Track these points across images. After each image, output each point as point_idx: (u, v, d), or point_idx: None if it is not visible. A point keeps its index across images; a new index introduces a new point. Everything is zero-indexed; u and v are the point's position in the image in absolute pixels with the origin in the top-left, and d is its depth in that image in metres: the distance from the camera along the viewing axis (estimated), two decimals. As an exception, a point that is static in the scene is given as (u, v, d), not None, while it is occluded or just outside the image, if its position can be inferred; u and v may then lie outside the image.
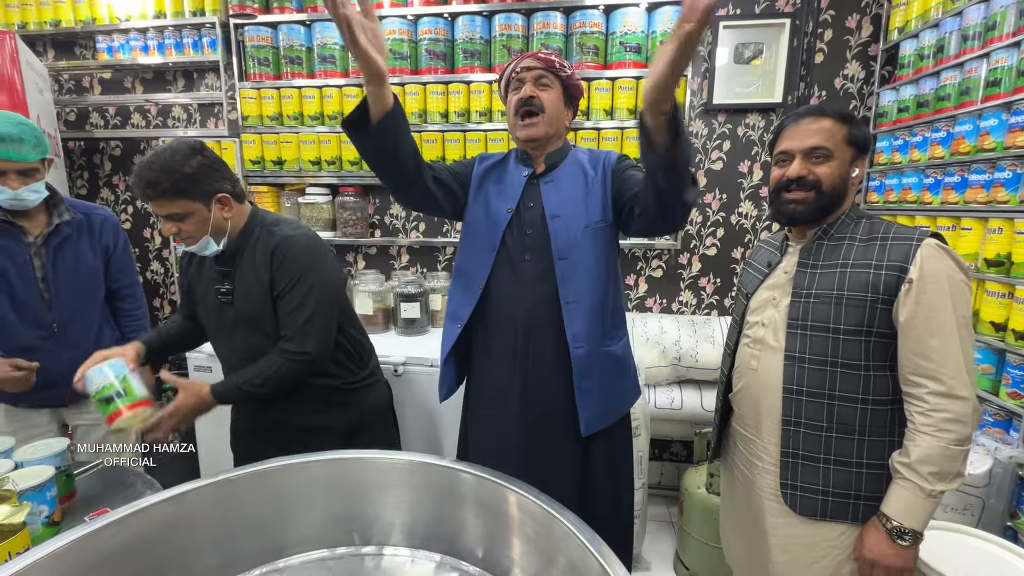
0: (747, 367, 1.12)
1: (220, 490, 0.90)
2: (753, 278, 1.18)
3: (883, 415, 0.98)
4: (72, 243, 1.57)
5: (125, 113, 2.87)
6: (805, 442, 1.02)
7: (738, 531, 1.21)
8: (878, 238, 0.99)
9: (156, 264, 3.00)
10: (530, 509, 0.82)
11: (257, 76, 2.50)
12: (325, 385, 1.35)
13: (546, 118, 1.19)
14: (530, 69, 1.20)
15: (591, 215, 1.21)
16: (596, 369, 1.21)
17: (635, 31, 2.22)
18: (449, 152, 2.41)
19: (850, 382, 0.98)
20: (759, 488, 1.10)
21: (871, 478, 0.99)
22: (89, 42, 2.77)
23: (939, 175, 1.77)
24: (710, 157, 2.41)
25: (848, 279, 0.98)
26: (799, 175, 1.02)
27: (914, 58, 1.92)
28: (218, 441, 2.12)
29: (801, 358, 1.02)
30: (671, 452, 2.62)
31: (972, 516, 1.42)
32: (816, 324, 1.00)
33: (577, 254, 1.19)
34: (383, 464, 0.98)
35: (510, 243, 1.24)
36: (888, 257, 0.95)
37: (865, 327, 0.96)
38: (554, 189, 1.24)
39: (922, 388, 0.92)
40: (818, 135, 1.01)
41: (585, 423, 1.21)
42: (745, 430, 1.14)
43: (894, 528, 0.93)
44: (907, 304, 0.92)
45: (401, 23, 2.35)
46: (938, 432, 0.90)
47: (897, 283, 0.93)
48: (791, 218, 1.05)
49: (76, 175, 2.97)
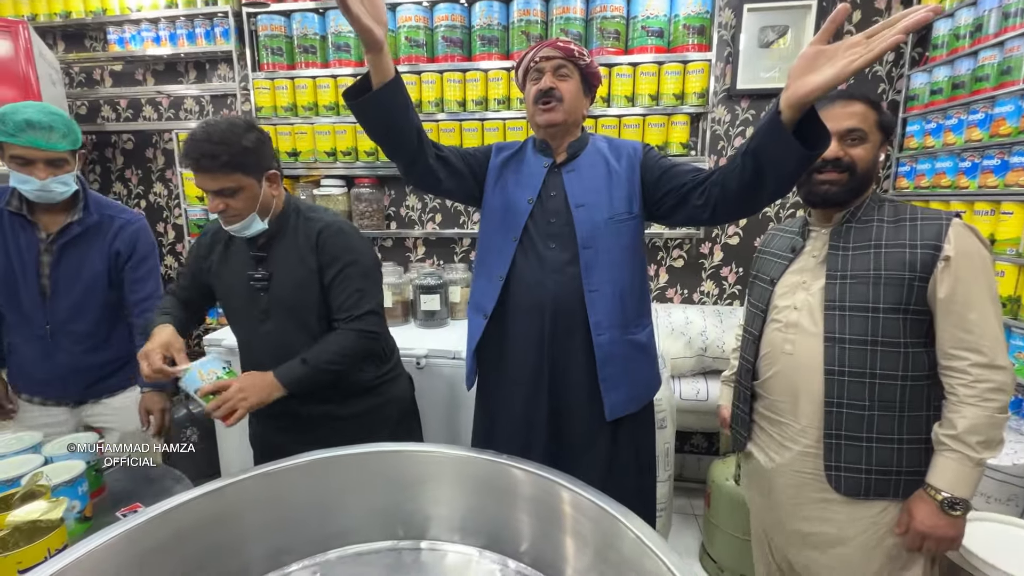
0: (780, 352, 1.12)
1: (260, 484, 0.88)
2: (775, 264, 1.18)
3: (921, 390, 1.01)
4: (80, 244, 1.50)
5: (137, 106, 2.84)
6: (848, 422, 1.03)
7: (771, 519, 1.20)
8: (907, 219, 1.02)
9: (170, 259, 2.98)
10: (581, 505, 0.79)
11: (271, 66, 2.47)
12: (356, 379, 1.33)
13: (565, 106, 1.19)
14: (549, 59, 1.18)
15: (615, 207, 1.20)
16: (619, 356, 1.21)
17: (657, 15, 2.17)
18: (467, 140, 2.37)
19: (890, 360, 1.00)
20: (794, 471, 1.10)
21: (911, 453, 1.01)
22: (100, 34, 2.74)
23: (976, 158, 1.72)
24: (733, 144, 2.36)
25: (884, 259, 1.00)
26: (836, 156, 1.03)
27: (949, 38, 1.86)
28: (234, 437, 2.12)
29: (841, 339, 1.03)
30: (692, 444, 2.60)
31: (1017, 507, 1.39)
32: (855, 304, 1.01)
33: (601, 243, 1.19)
34: (423, 457, 0.96)
35: (533, 232, 1.23)
36: (921, 236, 0.98)
37: (903, 305, 0.98)
38: (576, 178, 1.23)
39: (964, 360, 0.95)
40: (854, 118, 1.03)
41: (610, 408, 1.21)
42: (777, 415, 1.14)
43: (945, 500, 0.95)
44: (945, 280, 0.95)
45: (417, 10, 2.31)
46: (983, 402, 0.93)
47: (933, 260, 0.96)
48: (824, 199, 1.06)
49: (88, 169, 2.95)
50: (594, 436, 1.25)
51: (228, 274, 1.31)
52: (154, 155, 2.88)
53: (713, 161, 2.36)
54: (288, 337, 1.26)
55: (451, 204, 2.62)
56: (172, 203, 2.91)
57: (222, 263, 1.32)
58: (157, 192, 2.92)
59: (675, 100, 2.22)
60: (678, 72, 2.19)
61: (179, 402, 2.46)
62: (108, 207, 1.56)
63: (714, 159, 2.37)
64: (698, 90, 2.19)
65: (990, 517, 1.21)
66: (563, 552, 0.84)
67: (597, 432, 1.25)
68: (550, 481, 0.85)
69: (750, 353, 1.21)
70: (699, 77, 2.18)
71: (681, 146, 2.24)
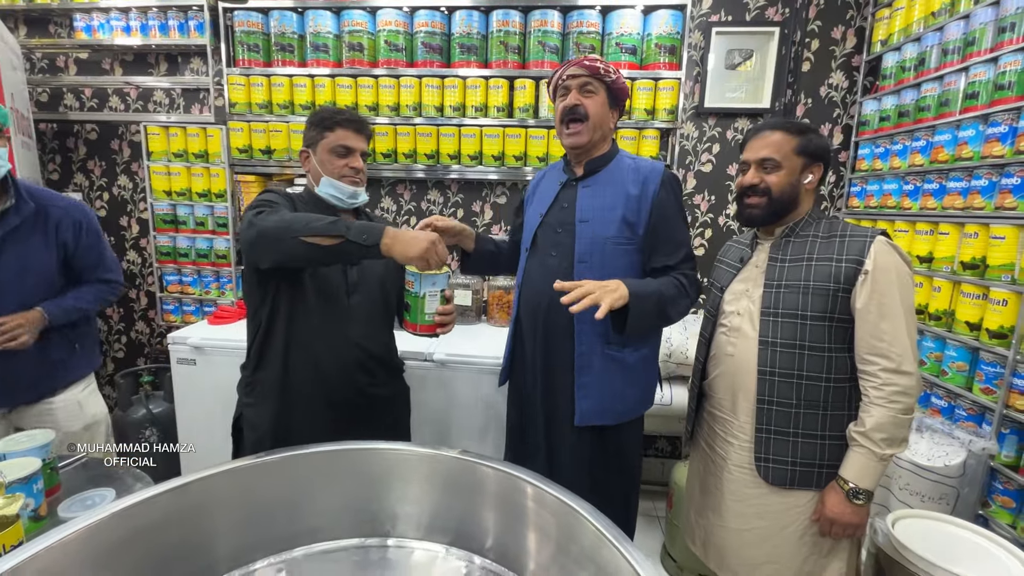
0: (724, 353, 1.23)
1: (227, 480, 0.88)
2: (726, 273, 1.30)
3: (842, 391, 1.12)
4: (20, 236, 1.41)
5: (103, 96, 2.76)
6: (776, 419, 1.14)
7: (708, 508, 1.30)
8: (837, 235, 1.12)
9: (133, 253, 2.90)
10: (543, 499, 0.83)
11: (246, 62, 2.44)
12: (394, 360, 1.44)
13: (590, 125, 1.25)
14: (575, 76, 1.25)
15: (619, 231, 1.25)
16: (596, 368, 1.27)
17: (631, 32, 2.25)
18: (444, 146, 2.39)
19: (815, 363, 1.11)
20: (734, 464, 1.21)
21: (832, 448, 1.12)
22: (65, 20, 2.66)
23: (918, 182, 1.86)
24: (700, 159, 2.47)
25: (813, 271, 1.11)
26: (751, 183, 1.16)
27: (896, 70, 2.00)
28: (201, 438, 2.07)
29: (773, 343, 1.14)
30: (656, 448, 2.68)
31: (947, 505, 1.49)
32: (786, 311, 1.13)
33: (597, 259, 1.26)
34: (390, 455, 0.97)
35: (541, 241, 1.34)
36: (847, 252, 1.09)
37: (828, 313, 1.09)
38: (589, 194, 1.29)
39: (875, 365, 1.05)
40: (768, 147, 1.14)
41: (579, 415, 1.28)
42: (721, 412, 1.25)
43: (851, 490, 1.06)
44: (863, 292, 1.06)
45: (397, 14, 2.33)
46: (888, 403, 1.03)
47: (855, 274, 1.07)
48: (748, 219, 1.19)
49: (48, 159, 2.84)
50: (574, 439, 1.31)
51: None
52: (120, 147, 2.80)
53: (681, 175, 2.46)
54: (375, 309, 1.33)
55: (426, 208, 2.64)
56: (137, 196, 2.83)
57: None
58: (121, 185, 2.84)
59: (646, 115, 2.30)
60: (650, 88, 2.28)
61: (137, 401, 2.39)
62: (42, 195, 1.49)
63: (682, 172, 2.47)
64: (668, 106, 2.28)
65: (923, 514, 1.30)
66: (526, 546, 0.87)
67: (578, 436, 1.30)
68: (513, 477, 0.88)
69: (701, 354, 1.32)
70: (669, 94, 2.27)
71: (651, 159, 2.33)
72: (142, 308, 2.94)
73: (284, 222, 1.09)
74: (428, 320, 1.19)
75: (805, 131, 1.15)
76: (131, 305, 2.94)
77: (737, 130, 2.43)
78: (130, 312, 2.95)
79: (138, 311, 2.95)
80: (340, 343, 1.28)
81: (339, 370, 1.30)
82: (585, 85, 1.24)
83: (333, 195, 1.29)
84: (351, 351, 1.30)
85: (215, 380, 2.02)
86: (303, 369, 1.28)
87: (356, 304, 1.31)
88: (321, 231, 1.06)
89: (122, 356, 3.00)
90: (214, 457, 1.44)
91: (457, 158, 2.41)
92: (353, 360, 1.31)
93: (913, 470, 1.52)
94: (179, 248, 2.63)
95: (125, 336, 2.99)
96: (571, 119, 1.25)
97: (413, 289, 1.17)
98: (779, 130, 1.15)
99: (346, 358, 1.30)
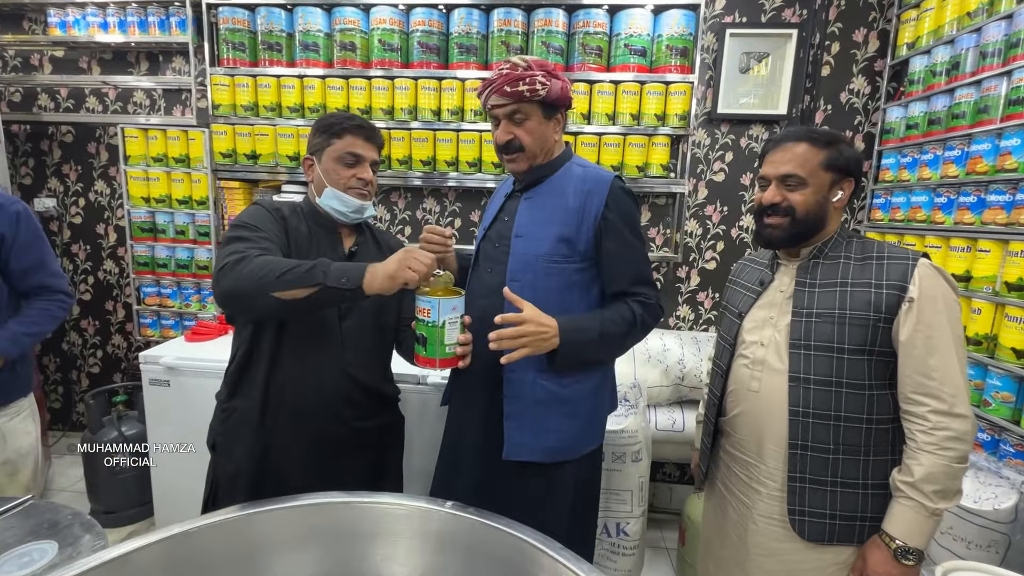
0: (746, 389, 1.09)
1: (174, 545, 0.73)
2: (744, 297, 1.16)
3: (885, 434, 0.99)
4: None
5: (79, 96, 2.61)
6: (812, 465, 1.00)
7: (731, 562, 1.15)
8: (873, 257, 0.99)
9: (110, 263, 2.73)
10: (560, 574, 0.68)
11: (231, 62, 2.29)
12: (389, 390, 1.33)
13: (528, 153, 1.13)
14: (500, 106, 1.11)
15: (553, 248, 1.12)
16: (527, 398, 1.14)
17: (640, 34, 2.12)
18: (440, 152, 2.25)
19: (854, 402, 0.98)
20: (761, 515, 1.07)
21: (876, 499, 0.99)
22: (39, 15, 2.51)
23: (952, 194, 1.73)
24: (712, 168, 2.34)
25: (849, 298, 0.98)
26: (772, 202, 1.03)
27: (925, 74, 1.88)
28: (171, 461, 1.90)
29: (806, 379, 1.00)
30: (664, 472, 2.52)
31: (997, 554, 1.35)
32: (820, 344, 0.99)
33: (527, 279, 1.13)
34: (377, 510, 0.83)
35: (482, 255, 1.23)
36: (887, 276, 0.96)
37: (868, 346, 0.96)
38: (529, 207, 1.17)
39: (923, 406, 0.93)
40: (791, 162, 1.01)
41: (508, 448, 1.14)
42: (744, 455, 1.11)
43: (899, 548, 0.93)
44: (907, 323, 0.93)
45: (392, 12, 2.20)
46: (940, 451, 0.91)
47: (897, 302, 0.94)
48: (768, 241, 1.06)
49: (20, 162, 2.69)
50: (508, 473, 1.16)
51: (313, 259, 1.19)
52: (97, 150, 2.64)
53: (692, 184, 2.33)
54: (366, 335, 1.22)
55: (422, 217, 2.49)
56: (115, 203, 2.67)
57: (307, 250, 1.18)
58: (98, 190, 2.68)
59: (656, 121, 2.17)
60: (660, 92, 2.15)
61: (108, 423, 2.21)
62: None
63: (693, 182, 2.33)
64: (679, 112, 2.15)
65: (977, 567, 1.15)
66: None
67: (513, 470, 1.15)
68: (523, 542, 0.74)
69: (717, 388, 1.17)
70: (681, 99, 2.14)
71: (661, 168, 2.19)
72: (119, 321, 2.77)
73: (255, 277, 0.97)
74: (449, 353, 1.03)
75: (834, 141, 1.01)
76: (107, 318, 2.77)
77: (751, 137, 2.30)
78: (106, 325, 2.78)
79: (115, 324, 2.78)
80: (329, 373, 1.17)
81: (324, 403, 1.18)
82: (513, 114, 1.10)
83: (336, 208, 1.18)
84: (340, 381, 1.19)
85: (190, 403, 1.86)
86: (284, 400, 1.17)
87: (349, 329, 1.19)
88: (296, 282, 0.96)
89: (97, 372, 2.83)
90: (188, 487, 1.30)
91: (455, 165, 2.27)
92: (341, 392, 1.19)
93: (958, 513, 1.37)
94: (158, 258, 2.47)
95: (101, 351, 2.82)
96: (507, 152, 1.14)
97: (430, 318, 1.00)
98: (804, 141, 1.01)
99: (333, 390, 1.18)
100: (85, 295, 2.78)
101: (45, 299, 1.43)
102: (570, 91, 1.17)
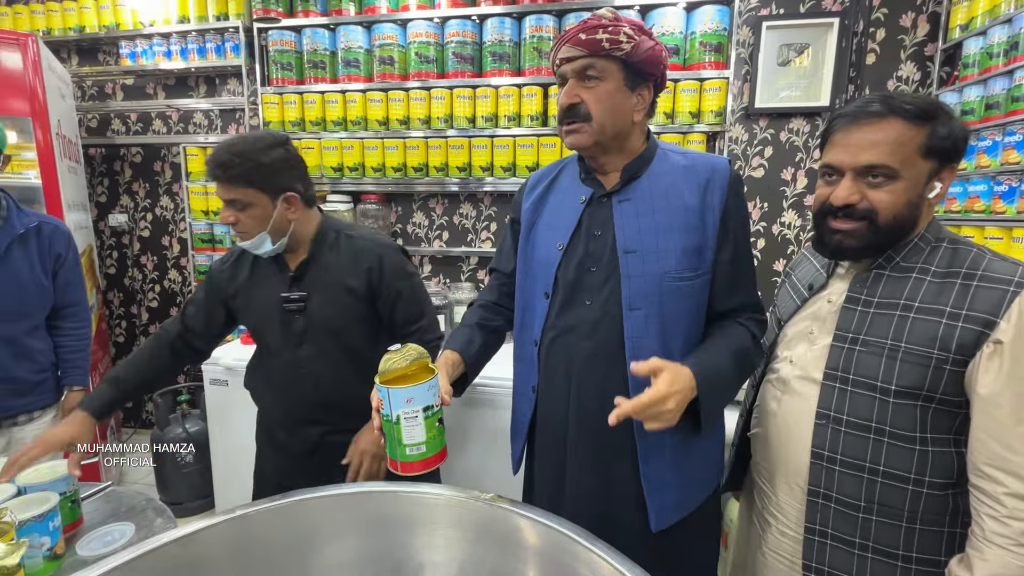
0: (766, 409, 0.93)
1: (234, 528, 0.80)
2: (790, 301, 0.97)
3: (942, 501, 0.77)
4: (16, 252, 1.47)
5: (146, 119, 2.84)
6: (836, 521, 0.82)
7: None
8: (960, 275, 0.75)
9: (174, 272, 2.95)
10: (599, 568, 0.70)
11: (280, 81, 2.44)
12: None
13: (595, 126, 0.88)
14: (570, 60, 0.87)
15: (682, 261, 0.89)
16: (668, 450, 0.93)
17: (673, 31, 2.11)
18: (476, 158, 2.31)
19: (900, 456, 0.77)
20: (770, 548, 0.93)
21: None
22: (112, 48, 2.76)
23: (1014, 182, 1.62)
24: (751, 164, 2.29)
25: (910, 326, 0.76)
26: (846, 203, 0.77)
27: (981, 57, 1.78)
28: (230, 457, 2.04)
29: (837, 419, 0.81)
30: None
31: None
32: (860, 379, 0.79)
33: (655, 306, 0.89)
34: (416, 498, 0.88)
35: (563, 283, 0.94)
36: (971, 305, 0.72)
37: (925, 390, 0.75)
38: (632, 212, 0.91)
39: (999, 486, 0.70)
40: (878, 148, 0.75)
41: (656, 516, 0.93)
42: (760, 480, 0.97)
43: None
44: (990, 371, 0.70)
45: (428, 26, 2.28)
46: (1016, 546, 0.69)
47: (978, 340, 0.71)
48: (836, 251, 0.82)
49: (96, 181, 2.95)
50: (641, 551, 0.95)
51: (259, 297, 1.25)
52: (162, 168, 2.87)
53: (730, 181, 2.28)
54: (330, 359, 1.23)
55: (459, 222, 2.56)
56: (178, 216, 2.89)
57: (250, 287, 1.26)
58: (163, 205, 2.90)
59: (691, 118, 2.15)
60: (694, 90, 2.13)
61: (174, 420, 2.39)
62: (31, 214, 1.55)
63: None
64: (715, 108, 2.12)
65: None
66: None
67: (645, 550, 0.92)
68: (560, 534, 0.76)
69: (748, 399, 1.05)
70: (716, 95, 2.11)
71: (697, 165, 2.17)
72: (182, 326, 2.99)
73: None
74: (411, 456, 0.79)
75: (934, 114, 0.74)
76: (172, 323, 2.99)
77: (792, 131, 2.24)
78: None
79: (179, 329, 2.99)
80: (290, 396, 1.26)
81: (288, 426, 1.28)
82: (585, 70, 0.86)
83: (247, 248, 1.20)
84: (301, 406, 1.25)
85: (247, 401, 1.98)
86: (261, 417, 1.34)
87: (306, 356, 1.23)
88: None
89: (163, 373, 3.05)
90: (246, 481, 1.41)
91: (490, 170, 2.33)
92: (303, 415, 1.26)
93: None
94: (216, 267, 2.66)
95: (166, 353, 3.04)
96: (568, 120, 0.90)
97: (383, 410, 0.79)
98: (896, 115, 0.74)
99: (296, 413, 1.26)
100: (153, 302, 3.01)
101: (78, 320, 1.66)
102: (665, 60, 0.91)
